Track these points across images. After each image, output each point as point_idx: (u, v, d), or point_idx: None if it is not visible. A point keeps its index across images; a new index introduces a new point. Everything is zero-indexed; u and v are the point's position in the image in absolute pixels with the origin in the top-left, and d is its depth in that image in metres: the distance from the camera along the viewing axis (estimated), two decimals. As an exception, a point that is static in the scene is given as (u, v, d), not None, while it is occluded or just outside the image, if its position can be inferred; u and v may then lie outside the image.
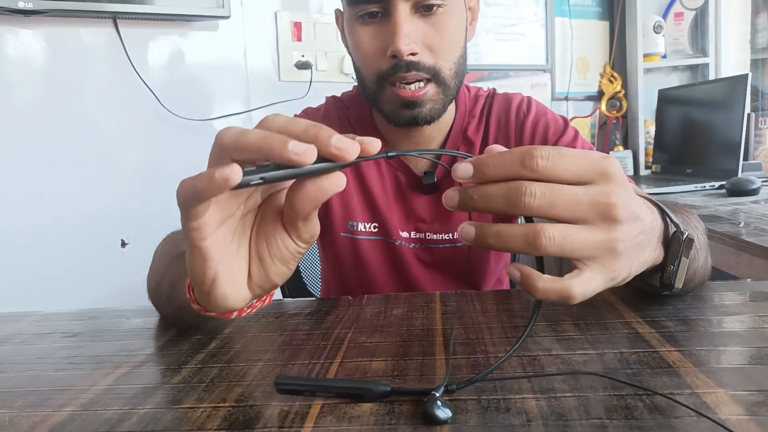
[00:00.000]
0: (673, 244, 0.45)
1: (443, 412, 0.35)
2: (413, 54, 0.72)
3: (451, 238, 0.87)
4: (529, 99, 0.88)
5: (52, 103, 1.75)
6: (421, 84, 0.74)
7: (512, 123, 0.86)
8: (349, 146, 0.33)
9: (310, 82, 1.98)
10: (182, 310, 0.50)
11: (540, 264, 0.38)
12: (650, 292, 0.57)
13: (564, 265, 0.43)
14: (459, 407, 0.37)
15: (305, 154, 0.32)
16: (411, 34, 0.71)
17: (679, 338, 0.47)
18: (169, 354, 0.51)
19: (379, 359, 0.46)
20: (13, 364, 0.52)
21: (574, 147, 0.81)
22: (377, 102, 0.78)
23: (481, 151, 0.88)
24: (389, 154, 0.37)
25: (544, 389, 0.39)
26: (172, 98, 1.84)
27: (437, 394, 0.37)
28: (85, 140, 1.78)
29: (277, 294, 1.13)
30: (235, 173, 0.31)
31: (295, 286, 1.15)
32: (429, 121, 0.77)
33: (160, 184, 1.84)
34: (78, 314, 0.67)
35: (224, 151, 0.34)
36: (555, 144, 0.83)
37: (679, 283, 0.46)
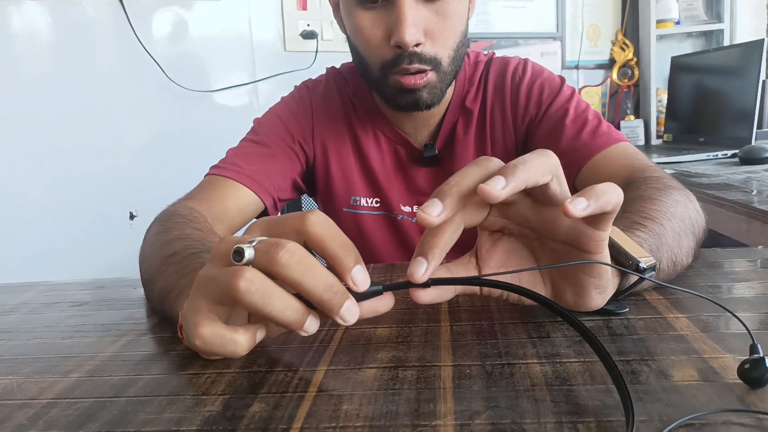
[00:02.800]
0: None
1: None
2: (417, 44, 0.70)
3: None
4: (525, 62, 0.86)
5: (57, 76, 1.75)
6: (422, 72, 0.73)
7: (508, 88, 0.84)
8: (353, 318, 0.36)
9: (316, 51, 1.96)
10: (172, 321, 0.48)
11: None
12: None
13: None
14: (463, 372, 0.37)
15: (314, 330, 0.36)
16: (416, 23, 0.69)
17: (686, 305, 0.47)
18: (175, 320, 0.51)
19: (384, 326, 0.46)
20: (21, 332, 0.52)
21: (567, 108, 0.80)
22: (380, 88, 0.77)
23: (480, 119, 0.86)
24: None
25: (549, 354, 0.39)
26: (177, 70, 1.83)
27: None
28: (92, 113, 1.78)
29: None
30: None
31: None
32: (430, 105, 0.76)
33: (167, 156, 1.85)
34: (86, 284, 0.68)
35: (248, 309, 0.36)
36: (549, 106, 0.81)
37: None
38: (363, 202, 0.86)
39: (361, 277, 0.36)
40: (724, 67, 1.90)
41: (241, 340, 0.34)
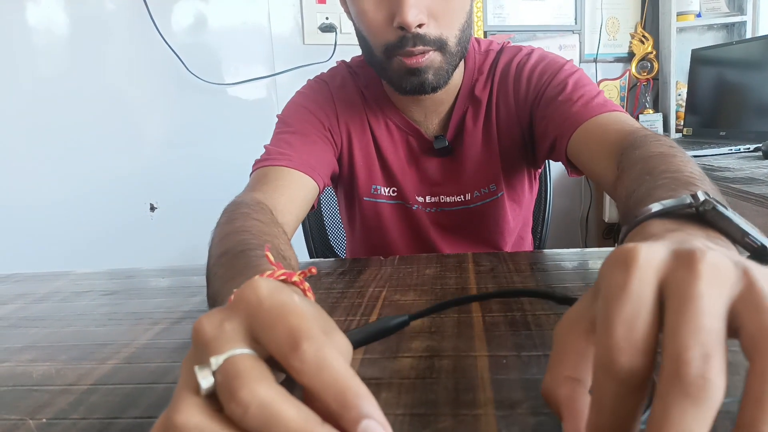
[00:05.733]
0: None
1: None
2: (420, 25, 0.69)
3: (463, 200, 0.86)
4: (534, 49, 0.85)
5: (76, 69, 1.76)
6: (426, 50, 0.71)
7: (512, 76, 0.82)
8: None
9: (335, 45, 1.95)
10: None
11: None
12: None
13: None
14: (499, 362, 0.37)
15: None
16: (418, 4, 0.68)
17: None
18: (207, 311, 0.52)
19: (416, 316, 0.46)
20: (55, 320, 0.53)
21: (566, 83, 0.77)
22: (385, 71, 0.76)
23: (487, 109, 0.83)
24: None
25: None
26: (197, 62, 1.84)
27: None
28: (112, 106, 1.80)
29: (306, 255, 1.13)
30: None
31: (322, 247, 1.16)
32: (435, 87, 0.75)
33: (187, 149, 1.86)
34: (114, 273, 0.69)
35: None
36: (548, 85, 0.78)
37: None
38: (382, 191, 0.87)
39: None
40: (746, 60, 1.87)
41: None
